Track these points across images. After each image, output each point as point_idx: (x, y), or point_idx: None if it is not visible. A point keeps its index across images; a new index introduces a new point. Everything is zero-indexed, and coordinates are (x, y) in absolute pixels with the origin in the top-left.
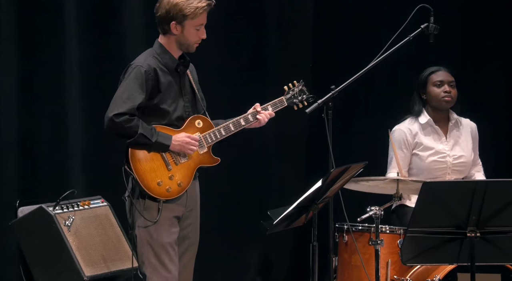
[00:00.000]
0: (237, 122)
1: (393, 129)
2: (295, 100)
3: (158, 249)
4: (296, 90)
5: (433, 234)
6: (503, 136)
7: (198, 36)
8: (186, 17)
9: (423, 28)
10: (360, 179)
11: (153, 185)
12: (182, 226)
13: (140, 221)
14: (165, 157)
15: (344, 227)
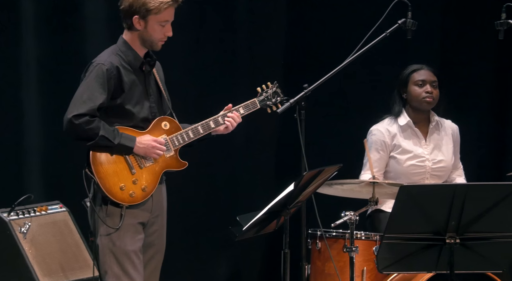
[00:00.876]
0: (206, 125)
1: (371, 129)
2: (268, 102)
3: (122, 258)
4: (270, 92)
5: (410, 241)
6: (486, 137)
7: (163, 33)
8: (149, 12)
9: (400, 23)
10: (334, 183)
11: (116, 189)
12: (148, 232)
13: (103, 228)
14: (129, 160)
15: (317, 233)
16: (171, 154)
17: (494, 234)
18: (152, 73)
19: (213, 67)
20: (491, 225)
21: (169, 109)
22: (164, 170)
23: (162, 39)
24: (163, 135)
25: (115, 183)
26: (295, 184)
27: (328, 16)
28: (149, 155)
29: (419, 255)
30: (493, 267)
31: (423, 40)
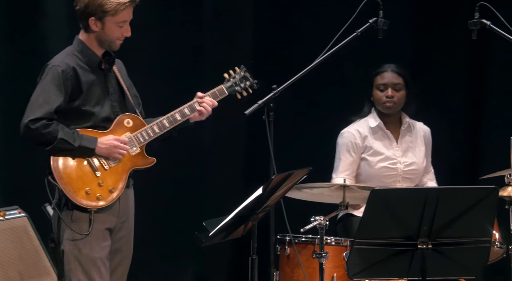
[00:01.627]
0: (172, 117)
1: (342, 132)
2: (237, 87)
3: (88, 265)
4: (238, 77)
5: (382, 246)
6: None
7: (121, 33)
8: (106, 14)
9: (371, 23)
10: (303, 187)
11: (81, 194)
12: (114, 238)
13: (68, 234)
14: (92, 162)
15: (286, 238)
16: (137, 151)
17: (467, 239)
18: (112, 71)
19: (180, 67)
20: (464, 230)
21: (133, 107)
22: (131, 169)
23: (120, 38)
24: (126, 133)
25: (79, 187)
26: (263, 188)
27: (298, 15)
28: (113, 155)
29: (390, 261)
30: (466, 273)
31: (394, 40)
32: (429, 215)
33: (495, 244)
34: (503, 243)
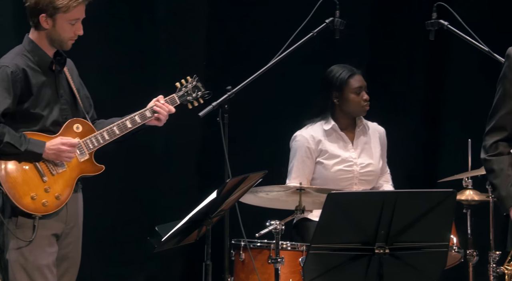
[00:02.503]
0: (122, 125)
1: (295, 135)
2: (188, 97)
3: (34, 273)
4: (190, 87)
5: (338, 251)
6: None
7: (73, 32)
8: (58, 10)
9: (328, 23)
10: (259, 190)
11: (27, 199)
12: (62, 245)
13: (13, 241)
14: (39, 167)
15: (241, 243)
16: (86, 158)
17: (424, 244)
18: (63, 73)
19: (132, 68)
20: (422, 234)
21: (82, 112)
22: (79, 176)
23: (72, 38)
24: (76, 138)
25: (25, 192)
26: (217, 192)
27: (253, 15)
28: (60, 159)
29: (347, 266)
30: (423, 278)
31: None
32: (387, 219)
33: (452, 248)
34: (461, 248)
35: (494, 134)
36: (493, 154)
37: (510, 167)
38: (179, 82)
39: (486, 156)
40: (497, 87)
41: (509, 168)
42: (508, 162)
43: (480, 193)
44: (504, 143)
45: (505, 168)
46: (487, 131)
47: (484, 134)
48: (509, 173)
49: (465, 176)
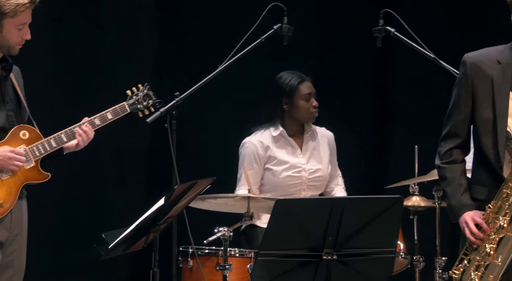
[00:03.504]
0: (70, 132)
1: (243, 142)
2: (139, 106)
3: None
4: (141, 95)
5: (286, 258)
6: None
7: (20, 37)
8: (5, 15)
9: (276, 29)
10: (207, 197)
11: None
12: (6, 252)
13: None
14: None
15: (189, 250)
16: (31, 165)
17: (372, 250)
18: (9, 79)
19: (78, 72)
20: (369, 240)
21: (31, 118)
22: (24, 183)
23: (20, 42)
24: (22, 145)
25: None
26: (165, 198)
27: (201, 21)
28: (7, 167)
29: (295, 272)
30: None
31: (299, 46)
32: (334, 226)
33: (399, 254)
34: (408, 254)
35: (449, 141)
36: (447, 161)
37: (463, 176)
38: (130, 90)
39: (440, 163)
40: (453, 92)
41: (461, 177)
42: (461, 170)
43: (426, 199)
44: (458, 150)
45: (457, 177)
46: (442, 137)
47: (440, 140)
48: (461, 182)
49: (411, 182)
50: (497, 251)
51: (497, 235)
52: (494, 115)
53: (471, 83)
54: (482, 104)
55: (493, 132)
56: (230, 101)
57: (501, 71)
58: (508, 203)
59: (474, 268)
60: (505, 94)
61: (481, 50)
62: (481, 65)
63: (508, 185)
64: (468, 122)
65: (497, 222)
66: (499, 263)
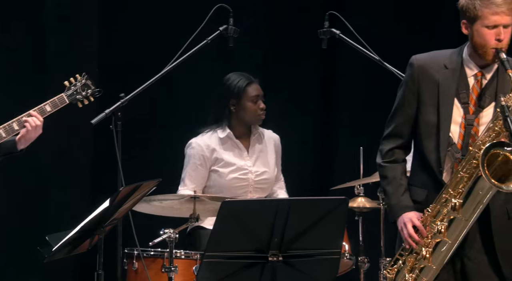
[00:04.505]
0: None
1: (190, 142)
2: (78, 96)
3: None
4: (79, 85)
5: (232, 259)
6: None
7: None
8: None
9: (221, 30)
10: (152, 199)
11: None
12: None
13: None
14: None
15: (134, 252)
16: None
17: (317, 251)
18: None
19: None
20: (314, 241)
21: None
22: None
23: None
24: None
25: None
26: (110, 200)
27: (147, 21)
28: None
29: (241, 274)
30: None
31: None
32: (280, 227)
33: (344, 255)
34: (353, 255)
35: (391, 141)
36: (389, 160)
37: (403, 176)
38: (68, 81)
39: (381, 162)
40: (398, 92)
41: (402, 177)
42: (402, 170)
43: (371, 201)
44: (400, 150)
45: (398, 177)
46: (385, 135)
47: (382, 138)
48: (401, 182)
49: (356, 184)
50: (433, 255)
51: (434, 239)
52: (437, 119)
53: (417, 85)
54: (427, 108)
55: (435, 136)
56: (176, 103)
57: (447, 76)
58: (446, 208)
59: (409, 269)
60: (450, 99)
61: (429, 53)
62: (428, 69)
63: (448, 190)
64: (411, 124)
65: (435, 226)
66: (433, 267)
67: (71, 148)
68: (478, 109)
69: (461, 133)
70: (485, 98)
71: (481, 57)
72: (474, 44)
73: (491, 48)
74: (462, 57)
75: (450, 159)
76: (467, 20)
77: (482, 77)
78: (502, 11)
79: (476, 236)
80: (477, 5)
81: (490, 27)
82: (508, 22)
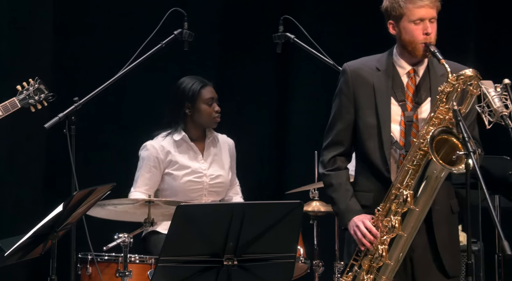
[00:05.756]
0: None
1: (144, 145)
2: (30, 100)
3: None
4: (31, 89)
5: (187, 263)
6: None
7: None
8: None
9: (176, 34)
10: (107, 203)
11: None
12: None
13: None
14: None
15: (88, 257)
16: None
17: (272, 255)
18: None
19: None
20: (270, 245)
21: None
22: None
23: None
24: None
25: None
26: (64, 205)
27: (101, 25)
28: None
29: (196, 278)
30: None
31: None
32: (235, 231)
33: (299, 259)
34: (307, 259)
35: (332, 149)
36: (332, 168)
37: (348, 181)
38: (20, 85)
39: (324, 171)
40: (333, 101)
41: (347, 182)
42: (346, 177)
43: (326, 205)
44: (341, 157)
45: (343, 183)
46: (325, 146)
47: (322, 149)
48: (347, 187)
49: (311, 188)
50: (389, 251)
51: (389, 235)
52: (377, 121)
53: (352, 90)
54: (365, 111)
55: (377, 136)
56: (131, 106)
57: (381, 78)
58: (396, 203)
59: (366, 271)
60: (387, 99)
61: (360, 59)
62: (361, 72)
63: (396, 186)
64: (350, 130)
65: (389, 222)
66: (391, 264)
67: (24, 152)
68: (416, 106)
69: (402, 131)
70: (421, 94)
71: (411, 54)
72: (403, 42)
73: (420, 43)
74: (393, 58)
75: (394, 157)
76: (393, 19)
77: (415, 74)
78: (426, 4)
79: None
80: (401, 3)
81: (417, 21)
82: (433, 15)
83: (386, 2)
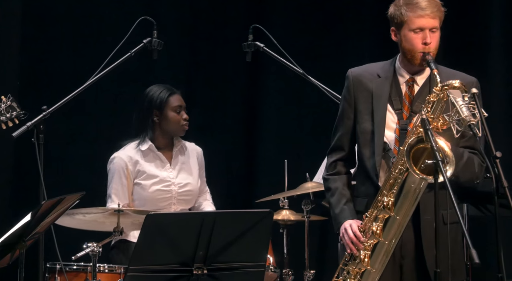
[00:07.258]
0: None
1: (112, 157)
2: (2, 117)
3: None
4: (3, 107)
5: (157, 273)
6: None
7: None
8: None
9: (145, 43)
10: (76, 212)
11: None
12: None
13: None
14: None
15: (57, 267)
16: None
17: (242, 264)
18: None
19: None
20: (239, 254)
21: None
22: None
23: None
24: None
25: None
26: (32, 214)
27: (70, 33)
28: None
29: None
30: None
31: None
32: (205, 240)
33: (269, 268)
34: (277, 267)
35: (334, 154)
36: (331, 173)
37: (346, 187)
38: None
39: (325, 175)
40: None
41: (344, 187)
42: (344, 181)
43: (296, 213)
44: (341, 162)
45: (340, 187)
46: (329, 150)
47: (327, 152)
48: (343, 192)
49: (281, 196)
50: (371, 257)
51: (371, 241)
52: (373, 127)
53: (353, 96)
54: (363, 116)
55: (371, 143)
56: (99, 115)
57: (380, 84)
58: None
59: (353, 277)
60: (383, 106)
61: (364, 65)
62: (362, 79)
63: (383, 192)
64: (350, 135)
65: (371, 228)
66: (373, 270)
67: None
68: (412, 115)
69: (396, 139)
70: (418, 104)
71: (410, 62)
72: (403, 50)
73: (418, 52)
74: (395, 66)
75: (386, 163)
76: (395, 27)
77: (414, 83)
78: (427, 14)
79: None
80: (403, 11)
81: (416, 30)
82: (434, 25)
83: (391, 8)
